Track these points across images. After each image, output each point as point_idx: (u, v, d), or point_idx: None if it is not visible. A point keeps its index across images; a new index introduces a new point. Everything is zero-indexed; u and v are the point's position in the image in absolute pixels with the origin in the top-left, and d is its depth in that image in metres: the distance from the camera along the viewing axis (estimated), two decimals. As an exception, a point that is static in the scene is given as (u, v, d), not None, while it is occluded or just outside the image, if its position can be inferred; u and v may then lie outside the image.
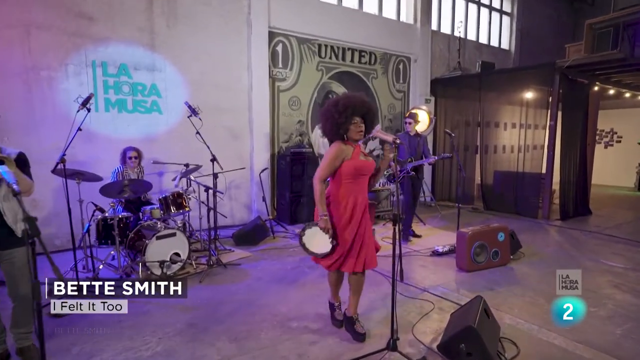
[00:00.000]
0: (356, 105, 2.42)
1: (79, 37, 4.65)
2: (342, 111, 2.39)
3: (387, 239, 5.19)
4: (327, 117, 2.45)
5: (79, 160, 4.74)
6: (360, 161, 2.45)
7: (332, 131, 2.45)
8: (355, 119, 2.43)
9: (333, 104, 2.44)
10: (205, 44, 5.51)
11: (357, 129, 2.44)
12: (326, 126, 2.47)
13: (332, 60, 6.91)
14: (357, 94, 2.53)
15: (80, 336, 2.68)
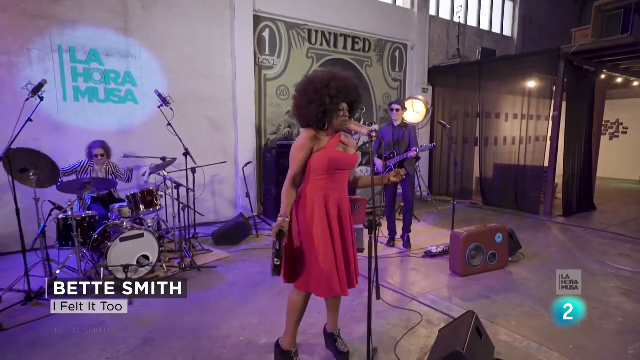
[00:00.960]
0: (349, 89, 2.03)
1: (43, 19, 4.28)
2: (334, 95, 1.97)
3: (378, 237, 4.87)
4: (312, 100, 2.01)
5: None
6: (336, 152, 2.06)
7: (316, 117, 2.02)
8: (343, 105, 2.05)
9: (322, 85, 1.99)
10: (185, 28, 5.13)
11: (344, 118, 2.06)
12: (308, 110, 2.02)
13: (324, 47, 6.52)
14: (346, 74, 2.10)
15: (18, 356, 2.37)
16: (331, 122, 2.07)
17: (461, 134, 7.68)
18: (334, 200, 2.11)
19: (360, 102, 2.17)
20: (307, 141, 2.05)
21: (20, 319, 2.84)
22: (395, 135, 4.53)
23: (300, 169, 2.08)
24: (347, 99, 2.06)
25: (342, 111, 2.07)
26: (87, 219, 3.58)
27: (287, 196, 2.06)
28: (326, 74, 2.08)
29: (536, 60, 6.43)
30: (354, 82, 2.11)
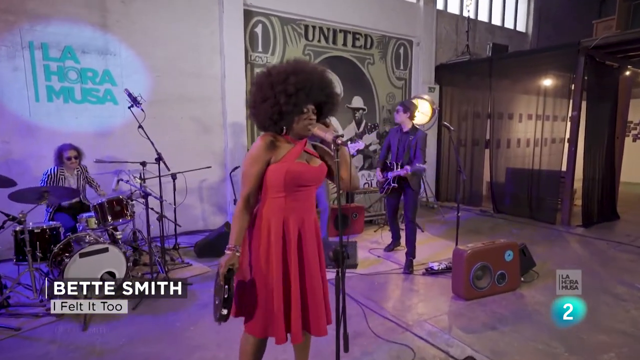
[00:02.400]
0: (314, 87, 1.61)
1: (11, 14, 3.98)
2: (292, 93, 1.57)
3: (376, 250, 4.44)
4: (266, 97, 1.62)
5: (15, 157, 4.13)
6: (296, 165, 1.65)
7: (270, 119, 1.63)
8: (308, 107, 1.64)
9: (280, 79, 1.59)
10: (169, 23, 4.79)
11: (307, 122, 1.65)
12: (261, 110, 1.63)
13: (322, 43, 6.11)
14: (314, 67, 1.70)
15: None
16: (290, 125, 1.67)
17: (470, 135, 7.18)
18: (294, 223, 1.70)
19: (333, 104, 1.74)
20: (261, 151, 1.65)
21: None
22: (401, 142, 4.01)
23: (254, 186, 1.68)
24: (312, 99, 1.65)
25: (305, 113, 1.66)
26: (48, 230, 3.24)
27: (238, 222, 1.66)
28: (288, 65, 1.68)
29: (553, 55, 5.91)
30: (324, 78, 1.69)
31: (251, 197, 1.69)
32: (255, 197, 1.71)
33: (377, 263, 4.08)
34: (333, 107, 1.75)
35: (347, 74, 6.39)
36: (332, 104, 1.74)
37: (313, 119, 1.67)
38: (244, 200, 1.68)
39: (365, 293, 3.31)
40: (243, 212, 1.67)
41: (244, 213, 1.67)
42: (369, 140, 6.79)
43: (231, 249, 1.60)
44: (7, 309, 2.98)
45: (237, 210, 1.68)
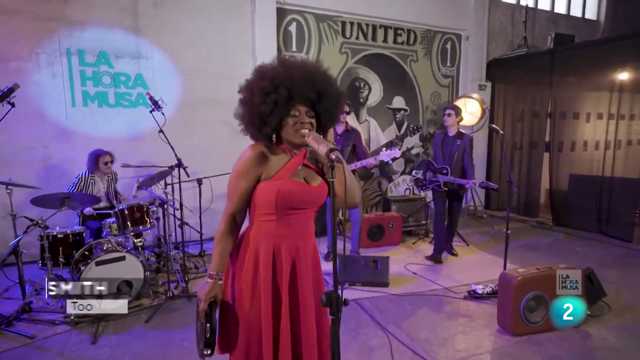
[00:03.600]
0: (297, 81, 1.32)
1: (52, 22, 4.08)
2: (270, 90, 1.30)
3: (413, 265, 4.01)
4: (244, 100, 1.38)
5: (53, 161, 4.24)
6: (292, 184, 1.36)
7: (252, 125, 1.38)
8: (299, 108, 1.35)
9: (257, 76, 1.36)
10: (200, 25, 4.71)
11: (298, 127, 1.35)
12: (243, 116, 1.40)
13: (360, 40, 5.76)
14: (305, 60, 1.43)
15: None
16: (278, 131, 1.39)
17: (527, 137, 6.43)
18: (287, 251, 1.41)
19: (334, 105, 1.42)
20: (250, 164, 1.37)
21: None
22: (448, 147, 3.95)
23: (240, 205, 1.41)
24: (299, 97, 1.35)
25: (294, 117, 1.36)
26: (72, 236, 3.23)
27: (220, 244, 1.41)
28: (275, 60, 1.41)
29: (631, 44, 5.06)
30: (315, 72, 1.39)
31: (237, 216, 1.43)
32: (242, 217, 1.45)
33: (413, 281, 3.66)
34: (331, 109, 1.42)
35: (387, 73, 5.98)
36: (332, 101, 1.41)
37: (305, 123, 1.37)
38: (228, 220, 1.42)
39: (395, 319, 2.92)
40: (226, 233, 1.41)
41: (228, 234, 1.41)
42: (411, 142, 6.31)
43: (212, 276, 1.36)
44: (30, 314, 2.99)
45: (219, 231, 1.42)
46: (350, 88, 5.77)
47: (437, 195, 4.07)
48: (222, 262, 1.39)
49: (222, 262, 1.39)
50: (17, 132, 4.04)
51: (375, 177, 6.08)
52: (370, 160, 3.82)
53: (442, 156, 4.01)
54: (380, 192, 6.13)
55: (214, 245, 1.42)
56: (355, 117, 5.87)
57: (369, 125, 5.97)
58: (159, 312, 3.01)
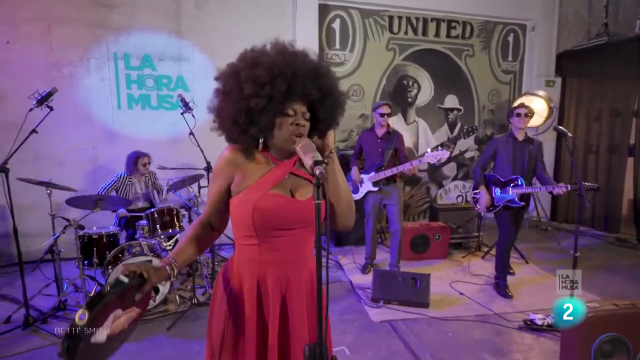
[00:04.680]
0: (299, 73, 1.08)
1: (100, 28, 4.24)
2: (265, 81, 1.06)
3: (459, 283, 3.57)
4: (227, 90, 1.12)
5: (100, 162, 4.40)
6: (272, 199, 1.11)
7: (235, 124, 1.10)
8: (295, 107, 1.11)
9: (248, 63, 1.10)
10: (240, 25, 4.63)
11: (293, 129, 1.10)
12: (223, 111, 1.13)
13: (409, 35, 5.37)
14: (307, 52, 1.18)
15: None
16: (269, 134, 1.13)
17: (606, 140, 5.57)
18: (274, 283, 1.15)
19: (338, 106, 1.18)
20: (222, 165, 1.16)
21: (7, 349, 2.57)
22: (518, 153, 3.25)
23: (214, 211, 1.21)
24: (299, 93, 1.09)
25: (291, 116, 1.11)
26: (105, 237, 3.27)
27: (187, 231, 1.22)
28: (264, 46, 1.16)
29: None
30: (318, 65, 1.14)
31: (212, 222, 1.23)
32: (218, 224, 1.25)
33: (458, 303, 3.23)
34: (334, 111, 1.16)
35: (438, 69, 5.51)
36: (332, 106, 1.15)
37: (302, 125, 1.11)
38: (199, 223, 1.24)
39: (433, 347, 2.55)
40: (195, 225, 1.23)
41: (196, 228, 1.22)
42: (465, 145, 5.77)
43: (165, 261, 1.11)
44: (64, 312, 3.06)
45: (190, 226, 1.23)
46: (397, 87, 5.40)
47: (506, 215, 3.31)
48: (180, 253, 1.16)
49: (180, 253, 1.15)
50: (68, 133, 4.24)
51: (423, 182, 5.64)
52: (407, 165, 3.46)
53: (512, 166, 3.26)
54: (428, 198, 5.66)
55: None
56: (403, 118, 5.48)
57: (418, 126, 5.54)
58: (182, 319, 2.93)
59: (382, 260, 4.08)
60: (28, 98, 2.90)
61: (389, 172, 3.54)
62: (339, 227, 1.20)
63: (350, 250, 4.36)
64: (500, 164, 3.32)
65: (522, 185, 3.21)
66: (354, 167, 3.80)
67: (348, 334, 2.75)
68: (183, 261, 1.17)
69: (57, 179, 3.55)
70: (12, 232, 2.75)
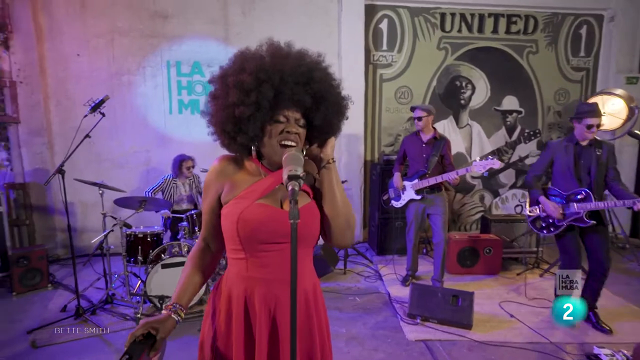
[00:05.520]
0: (288, 77, 1.00)
1: (155, 38, 4.49)
2: (251, 87, 0.99)
3: (511, 303, 3.22)
4: (215, 96, 1.07)
5: (153, 164, 4.66)
6: (258, 209, 1.03)
7: (223, 132, 1.06)
8: (287, 113, 1.03)
9: (235, 68, 1.04)
10: (285, 29, 4.64)
11: (283, 138, 1.03)
12: (214, 114, 1.08)
13: (463, 33, 5.03)
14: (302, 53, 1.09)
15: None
16: (259, 142, 1.06)
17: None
18: (262, 301, 1.07)
19: (335, 113, 1.07)
20: (211, 177, 1.11)
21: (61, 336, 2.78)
22: (582, 161, 2.78)
23: (209, 228, 1.15)
24: (289, 98, 1.01)
25: (282, 123, 1.03)
26: (149, 236, 3.43)
27: (184, 269, 1.16)
28: (256, 49, 1.08)
29: None
30: (312, 66, 1.04)
31: (210, 243, 1.17)
32: (215, 244, 1.18)
33: (507, 326, 2.91)
34: (331, 119, 1.06)
35: (496, 69, 5.10)
36: (327, 114, 1.05)
37: (293, 132, 1.02)
38: (198, 246, 1.18)
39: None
40: (193, 256, 1.16)
41: (195, 258, 1.16)
42: (525, 150, 5.27)
43: (168, 307, 1.07)
44: (112, 305, 3.25)
45: (188, 256, 1.18)
46: (449, 88, 5.08)
47: (570, 239, 2.82)
48: (183, 291, 1.10)
49: (183, 292, 1.10)
50: (125, 138, 4.54)
51: (476, 190, 5.24)
52: (453, 174, 3.20)
53: (575, 176, 2.77)
54: (482, 207, 5.25)
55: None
56: (454, 121, 5.14)
57: (471, 130, 5.16)
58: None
59: (425, 273, 3.83)
60: (83, 105, 3.12)
61: (433, 180, 3.31)
62: (335, 244, 1.10)
63: (393, 259, 4.16)
64: (558, 175, 2.86)
65: (591, 199, 2.71)
66: (396, 173, 3.61)
67: (379, 352, 2.59)
68: (188, 300, 1.12)
69: (115, 180, 3.83)
70: (67, 229, 2.96)
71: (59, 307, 3.19)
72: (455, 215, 5.21)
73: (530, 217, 3.04)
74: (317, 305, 1.15)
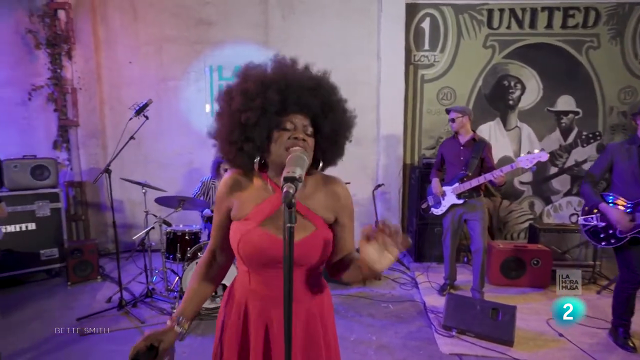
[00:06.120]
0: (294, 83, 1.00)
1: (199, 44, 4.69)
2: (256, 93, 0.99)
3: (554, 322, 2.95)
4: (221, 108, 1.08)
5: (195, 166, 4.85)
6: (259, 235, 1.02)
7: (229, 143, 1.05)
8: (294, 119, 1.01)
9: (240, 79, 1.07)
10: (324, 32, 4.66)
11: (290, 142, 1.00)
12: (219, 129, 1.09)
13: (512, 30, 4.73)
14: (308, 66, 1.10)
15: None
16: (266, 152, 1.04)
17: None
18: (259, 317, 1.06)
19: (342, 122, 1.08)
20: (221, 194, 1.11)
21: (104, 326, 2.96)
22: None
23: (218, 241, 1.15)
24: (296, 105, 1.00)
25: (288, 131, 1.01)
26: (188, 235, 3.55)
27: (190, 282, 1.17)
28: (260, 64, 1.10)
29: None
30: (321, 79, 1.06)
31: (218, 256, 1.17)
32: (222, 257, 1.18)
33: (555, 346, 2.66)
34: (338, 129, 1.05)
35: (550, 67, 4.74)
36: (335, 122, 1.04)
37: (300, 139, 0.99)
38: (205, 257, 1.18)
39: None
40: (200, 269, 1.17)
41: (201, 271, 1.16)
42: (583, 154, 4.84)
43: (173, 319, 1.09)
44: (152, 299, 3.41)
45: (196, 267, 1.18)
46: (495, 88, 4.80)
47: (632, 253, 2.54)
48: (187, 304, 1.11)
49: (187, 305, 1.11)
50: (170, 140, 4.77)
51: (526, 197, 4.88)
52: (497, 172, 2.99)
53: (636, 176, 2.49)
54: (532, 215, 4.88)
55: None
56: (502, 123, 4.84)
57: (520, 132, 4.83)
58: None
59: (464, 282, 3.62)
60: (129, 109, 3.31)
61: (475, 181, 3.12)
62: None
63: (430, 267, 3.98)
64: (619, 180, 2.57)
65: None
66: (434, 179, 3.45)
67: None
68: (193, 311, 1.13)
69: (160, 180, 4.03)
70: (112, 225, 3.15)
71: (105, 297, 3.40)
72: (501, 223, 4.89)
73: (585, 227, 2.75)
74: (324, 321, 1.11)
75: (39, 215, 3.82)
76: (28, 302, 3.41)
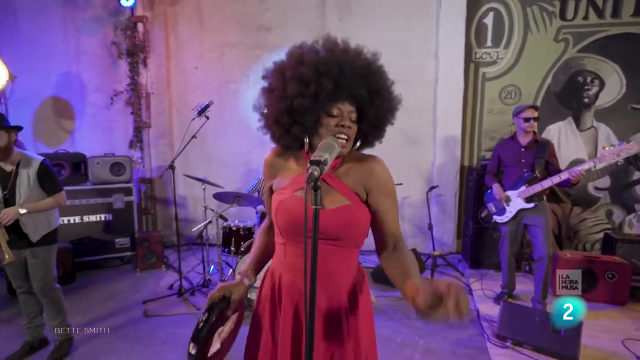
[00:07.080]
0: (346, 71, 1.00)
1: (258, 49, 4.90)
2: (310, 79, 1.01)
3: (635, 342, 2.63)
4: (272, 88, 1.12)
5: (252, 165, 5.07)
6: (293, 202, 1.06)
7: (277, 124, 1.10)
8: (341, 106, 1.04)
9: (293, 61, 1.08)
10: (381, 31, 4.61)
11: (337, 130, 1.03)
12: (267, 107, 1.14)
13: (589, 21, 4.32)
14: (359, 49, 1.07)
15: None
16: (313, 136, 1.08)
17: None
18: (287, 289, 1.11)
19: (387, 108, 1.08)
20: (264, 168, 1.21)
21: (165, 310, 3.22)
22: None
23: (269, 210, 1.25)
24: (346, 92, 1.02)
25: (334, 118, 1.04)
26: (242, 230, 3.72)
27: (257, 237, 1.31)
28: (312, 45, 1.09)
29: None
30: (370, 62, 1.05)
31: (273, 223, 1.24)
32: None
33: None
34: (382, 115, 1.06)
35: (635, 59, 4.24)
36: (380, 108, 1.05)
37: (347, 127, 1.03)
38: (267, 222, 1.31)
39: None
40: (262, 231, 1.30)
41: (263, 233, 1.29)
42: None
43: (241, 273, 1.20)
44: (208, 289, 3.63)
45: (259, 230, 1.31)
46: (568, 85, 4.41)
47: None
48: (256, 260, 1.24)
49: (255, 260, 1.24)
50: (230, 141, 5.04)
51: (601, 204, 4.40)
52: (577, 170, 2.71)
53: None
54: (609, 225, 4.39)
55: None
56: (574, 123, 4.43)
57: (597, 133, 4.38)
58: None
59: (525, 293, 3.37)
60: (192, 110, 3.56)
61: (548, 182, 2.85)
62: None
63: (487, 274, 3.76)
64: None
65: None
66: (494, 184, 3.21)
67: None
68: (259, 267, 1.25)
69: (220, 178, 4.28)
70: (174, 218, 3.40)
71: (168, 285, 3.68)
72: (572, 231, 4.46)
73: None
74: (354, 308, 1.11)
75: (115, 208, 4.24)
76: (103, 283, 3.81)
